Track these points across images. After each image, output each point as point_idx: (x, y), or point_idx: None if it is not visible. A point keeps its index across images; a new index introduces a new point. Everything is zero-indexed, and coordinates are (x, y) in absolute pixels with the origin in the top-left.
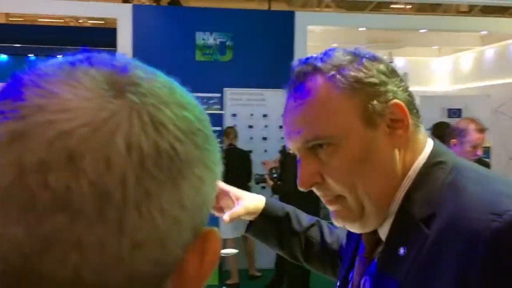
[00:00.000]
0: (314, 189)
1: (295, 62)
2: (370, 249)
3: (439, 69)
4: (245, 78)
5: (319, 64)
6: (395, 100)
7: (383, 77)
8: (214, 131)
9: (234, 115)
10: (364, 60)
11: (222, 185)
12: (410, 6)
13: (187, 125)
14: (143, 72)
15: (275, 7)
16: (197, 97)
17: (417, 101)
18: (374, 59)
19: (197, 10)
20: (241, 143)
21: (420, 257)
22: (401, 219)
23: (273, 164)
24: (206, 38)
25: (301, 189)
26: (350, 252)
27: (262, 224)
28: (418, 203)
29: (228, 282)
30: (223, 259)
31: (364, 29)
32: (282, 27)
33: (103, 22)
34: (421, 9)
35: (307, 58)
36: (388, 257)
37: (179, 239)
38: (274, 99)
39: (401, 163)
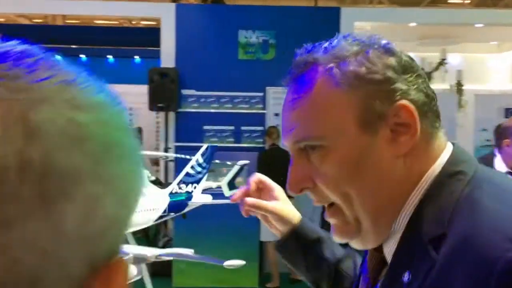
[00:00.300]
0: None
1: (301, 49)
2: (373, 269)
3: (497, 66)
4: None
5: (319, 55)
6: (403, 101)
7: (390, 73)
8: (256, 131)
9: (276, 114)
10: (370, 52)
11: (269, 181)
12: (469, 1)
13: (76, 129)
14: (37, 63)
15: (324, 4)
16: (239, 96)
17: (471, 100)
18: (385, 50)
19: (239, 8)
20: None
21: (426, 286)
22: (409, 237)
23: None
24: (249, 36)
25: (290, 193)
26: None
27: (292, 243)
28: (428, 220)
29: (269, 285)
30: (264, 262)
31: (416, 24)
32: (327, 24)
33: (155, 23)
34: (480, 3)
35: (314, 46)
36: (391, 282)
37: (61, 278)
38: None
39: (406, 173)
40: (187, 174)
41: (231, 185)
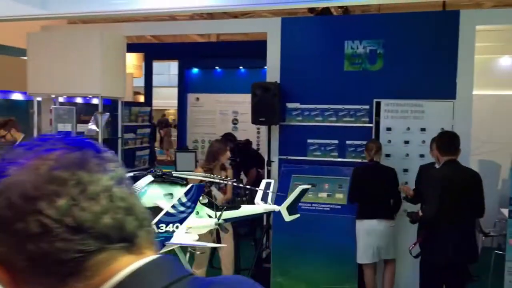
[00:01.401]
0: None
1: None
2: None
3: None
4: (398, 88)
5: None
6: None
7: None
8: (362, 145)
9: (388, 129)
10: None
11: None
12: None
13: None
14: None
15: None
16: (344, 109)
17: None
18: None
19: (346, 18)
20: (396, 161)
21: None
22: None
23: (411, 192)
24: (355, 47)
25: None
26: None
27: None
28: None
29: None
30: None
31: None
32: (443, 29)
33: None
34: None
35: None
36: None
37: None
38: (434, 111)
39: None
40: (168, 214)
41: (292, 209)
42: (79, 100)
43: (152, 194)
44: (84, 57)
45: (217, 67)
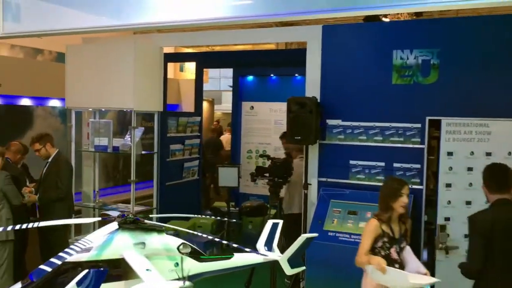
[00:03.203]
0: None
1: None
2: None
3: None
4: (456, 104)
5: None
6: None
7: None
8: (412, 169)
9: (450, 153)
10: None
11: None
12: None
13: None
14: None
15: None
16: (392, 128)
17: None
18: None
19: (395, 25)
20: (458, 192)
21: None
22: None
23: None
24: (405, 57)
25: None
26: None
27: None
28: None
29: None
30: None
31: None
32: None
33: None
34: None
35: None
36: None
37: None
38: (502, 132)
39: None
40: None
41: (295, 260)
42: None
43: (118, 243)
44: (118, 70)
45: (272, 75)
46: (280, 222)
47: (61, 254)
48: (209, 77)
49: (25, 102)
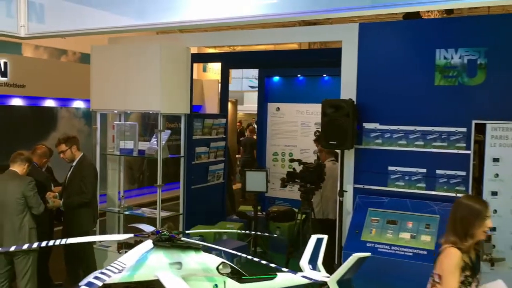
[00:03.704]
0: None
1: None
2: None
3: None
4: (505, 107)
5: None
6: None
7: None
8: (456, 176)
9: (496, 159)
10: None
11: None
12: None
13: None
14: None
15: None
16: (435, 132)
17: None
18: None
19: (438, 22)
20: (505, 201)
21: None
22: None
23: None
24: (449, 57)
25: None
26: None
27: None
28: None
29: None
30: None
31: None
32: None
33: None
34: None
35: None
36: None
37: None
38: None
39: None
40: None
41: (345, 283)
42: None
43: (153, 263)
44: (144, 71)
45: (299, 75)
46: (325, 237)
47: (99, 275)
48: (232, 78)
49: (49, 103)
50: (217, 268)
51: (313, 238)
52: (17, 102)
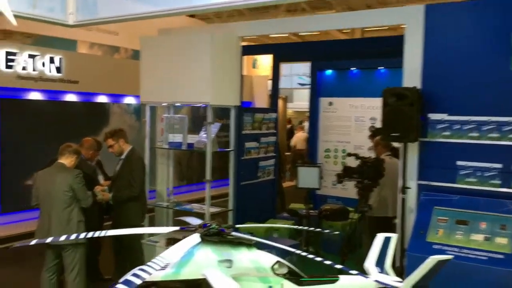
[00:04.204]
0: None
1: None
2: None
3: None
4: None
5: None
6: None
7: None
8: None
9: None
10: None
11: None
12: None
13: None
14: None
15: None
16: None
17: None
18: None
19: None
20: None
21: None
22: None
23: None
24: None
25: None
26: None
27: None
28: None
29: None
30: None
31: None
32: None
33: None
34: None
35: None
36: None
37: None
38: None
39: None
40: None
41: None
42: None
43: (200, 259)
44: (194, 61)
45: (353, 68)
46: (394, 236)
47: (138, 272)
48: (281, 75)
49: (102, 99)
50: (272, 268)
51: (380, 237)
52: (71, 97)
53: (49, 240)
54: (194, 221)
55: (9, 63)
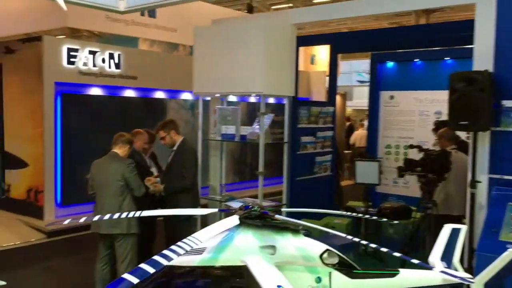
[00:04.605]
0: None
1: None
2: None
3: None
4: None
5: None
6: None
7: None
8: None
9: None
10: None
11: None
12: None
13: None
14: None
15: None
16: None
17: None
18: None
19: None
20: None
21: None
22: None
23: None
24: None
25: None
26: None
27: None
28: None
29: None
30: None
31: None
32: None
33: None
34: None
35: None
36: None
37: None
38: None
39: None
40: None
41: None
42: (271, 100)
43: (240, 245)
44: (247, 51)
45: (416, 59)
46: (463, 227)
47: (166, 252)
48: (340, 72)
49: (159, 95)
50: (321, 257)
51: (447, 228)
52: (129, 93)
53: (96, 218)
54: (235, 204)
55: (71, 59)
